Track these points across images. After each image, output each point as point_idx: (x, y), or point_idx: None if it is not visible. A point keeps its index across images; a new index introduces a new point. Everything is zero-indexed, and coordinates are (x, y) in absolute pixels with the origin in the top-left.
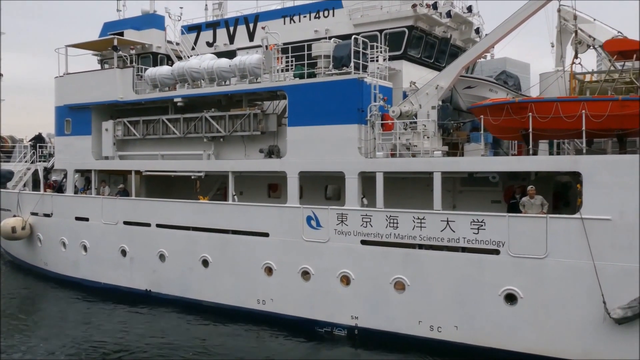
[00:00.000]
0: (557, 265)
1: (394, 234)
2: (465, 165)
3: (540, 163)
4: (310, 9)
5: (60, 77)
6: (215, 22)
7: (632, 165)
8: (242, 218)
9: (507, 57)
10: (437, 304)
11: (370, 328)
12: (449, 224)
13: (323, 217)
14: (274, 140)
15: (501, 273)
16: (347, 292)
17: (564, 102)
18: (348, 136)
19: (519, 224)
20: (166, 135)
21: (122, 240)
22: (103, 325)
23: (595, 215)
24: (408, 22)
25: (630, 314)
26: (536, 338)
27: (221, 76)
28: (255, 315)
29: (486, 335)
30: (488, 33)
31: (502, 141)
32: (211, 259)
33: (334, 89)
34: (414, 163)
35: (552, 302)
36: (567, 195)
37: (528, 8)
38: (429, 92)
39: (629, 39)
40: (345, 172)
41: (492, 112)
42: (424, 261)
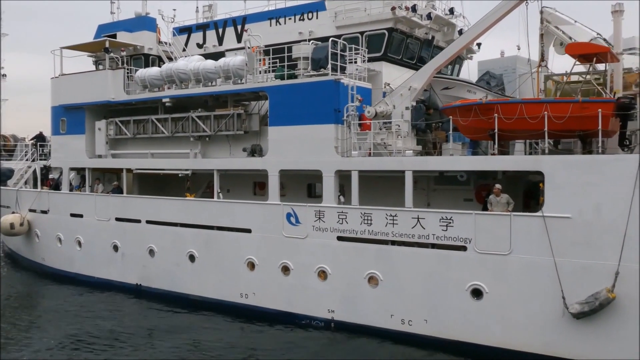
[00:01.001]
0: (520, 261)
1: (368, 230)
2: (434, 164)
3: (505, 163)
4: (295, 12)
5: (55, 78)
6: (205, 24)
7: (590, 165)
8: (226, 215)
9: (518, 56)
10: (408, 299)
11: (346, 321)
12: (420, 221)
13: (302, 214)
14: (257, 139)
15: (468, 269)
16: (324, 287)
17: (527, 103)
18: (325, 136)
19: (484, 221)
20: (155, 134)
21: (114, 236)
22: (94, 319)
23: (556, 213)
24: (388, 24)
25: (587, 309)
26: (500, 332)
27: (207, 77)
28: (239, 309)
29: (454, 329)
30: (460, 35)
31: (481, 141)
32: (197, 254)
33: (312, 90)
34: (386, 162)
35: (515, 297)
36: (539, 194)
37: (500, 9)
38: (403, 93)
39: (590, 43)
40: (323, 170)
41: (461, 113)
42: (396, 257)
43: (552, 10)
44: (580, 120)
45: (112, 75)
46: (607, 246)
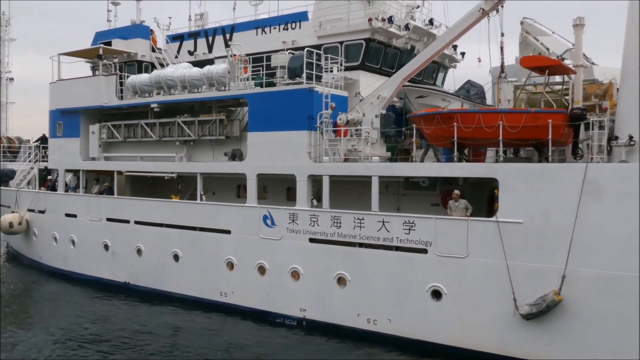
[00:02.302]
0: (476, 264)
1: (337, 232)
2: (399, 170)
3: (463, 169)
4: (279, 22)
5: (53, 83)
6: (196, 32)
7: (541, 173)
8: (208, 216)
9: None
10: (373, 299)
11: (316, 320)
12: (385, 225)
13: (277, 217)
14: (238, 144)
15: (428, 271)
16: (297, 286)
17: (484, 113)
18: (299, 141)
19: (444, 225)
20: (144, 138)
21: (105, 236)
22: (87, 315)
23: (509, 218)
24: (365, 34)
25: (535, 310)
26: (458, 331)
27: (192, 84)
28: (219, 307)
29: (415, 328)
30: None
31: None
32: (181, 254)
33: (287, 98)
34: (354, 168)
35: (471, 299)
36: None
37: (464, 22)
38: (373, 102)
39: (541, 57)
40: (296, 174)
41: (425, 122)
42: (363, 259)
43: (531, 21)
44: (533, 129)
45: (105, 81)
46: (555, 250)
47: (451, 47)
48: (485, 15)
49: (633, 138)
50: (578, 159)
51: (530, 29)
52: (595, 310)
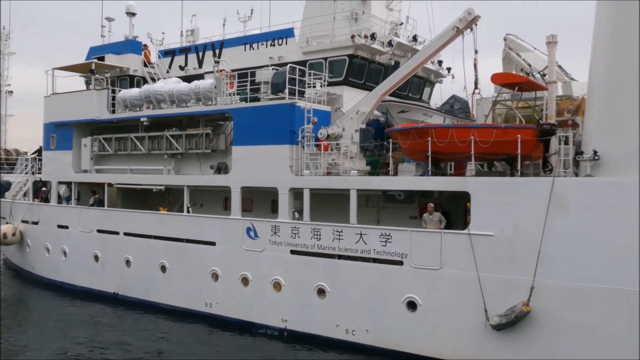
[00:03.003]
0: (449, 275)
1: (317, 244)
2: (376, 183)
3: (436, 183)
4: (267, 38)
5: (47, 97)
6: (186, 47)
7: (510, 187)
8: (194, 228)
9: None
10: (351, 310)
11: (297, 330)
12: (362, 237)
13: (260, 229)
14: (224, 157)
15: (404, 282)
16: (279, 297)
17: (457, 128)
18: (281, 155)
19: (418, 238)
20: (134, 151)
21: (95, 247)
22: (76, 325)
23: (480, 231)
24: (348, 51)
25: (505, 321)
26: (432, 342)
27: (180, 99)
28: (204, 317)
29: (392, 339)
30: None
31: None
32: (168, 265)
33: (270, 113)
34: (334, 181)
35: (445, 310)
36: None
37: (439, 40)
38: (353, 117)
39: (510, 74)
40: (278, 187)
41: (402, 136)
42: (341, 270)
43: (514, 37)
44: (503, 144)
45: (97, 95)
46: (524, 262)
47: (436, 63)
48: (460, 33)
49: (597, 153)
50: (548, 173)
51: (512, 45)
52: (562, 320)
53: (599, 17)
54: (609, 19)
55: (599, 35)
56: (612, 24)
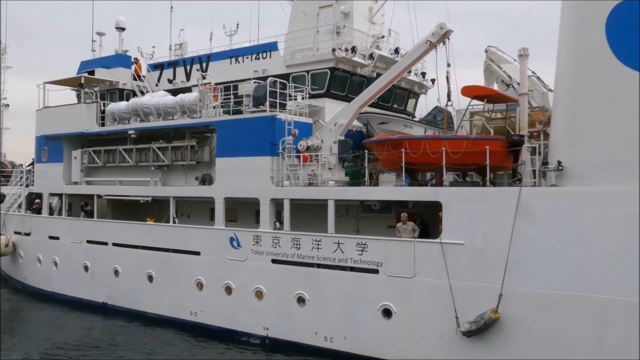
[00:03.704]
0: (422, 283)
1: (297, 254)
2: (352, 194)
3: (409, 193)
4: (252, 51)
5: (39, 110)
6: (175, 61)
7: (479, 196)
8: (179, 238)
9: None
10: (330, 317)
11: (278, 338)
12: (340, 246)
13: (242, 238)
14: (209, 169)
15: (379, 290)
16: (260, 306)
17: (429, 139)
18: (262, 166)
19: (393, 247)
20: (122, 163)
21: (85, 257)
22: (66, 334)
23: (451, 240)
24: (330, 64)
25: (474, 327)
26: (406, 348)
27: (166, 111)
28: (190, 326)
29: (368, 346)
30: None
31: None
32: (155, 275)
33: (251, 125)
34: (312, 191)
35: (418, 317)
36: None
37: (413, 53)
38: (331, 129)
39: (478, 86)
40: (260, 198)
41: (378, 147)
42: (320, 279)
43: (495, 49)
44: (473, 155)
45: (87, 108)
46: (493, 270)
47: (420, 75)
48: (433, 47)
49: (561, 163)
50: (518, 183)
51: (494, 57)
52: (529, 327)
53: (562, 28)
54: (573, 31)
55: (563, 46)
56: (575, 36)
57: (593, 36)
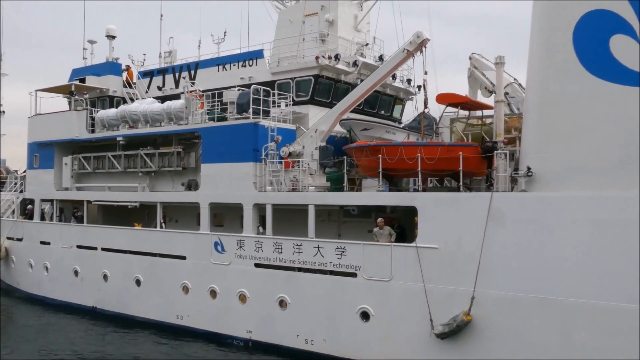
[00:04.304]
0: (399, 287)
1: (279, 258)
2: (332, 199)
3: (387, 198)
4: (238, 59)
5: (31, 117)
6: (164, 68)
7: (453, 202)
8: (166, 243)
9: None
10: (310, 320)
11: (261, 341)
12: (320, 250)
13: (226, 243)
14: (195, 175)
15: (357, 293)
16: (244, 309)
17: (406, 146)
18: (245, 172)
19: (370, 251)
20: (111, 169)
21: (75, 262)
22: (54, 339)
23: (426, 244)
24: (314, 71)
25: (447, 330)
26: (383, 351)
27: (154, 118)
28: (176, 329)
29: (347, 348)
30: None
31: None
32: (142, 279)
33: (235, 132)
34: (293, 197)
35: (395, 319)
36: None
37: (392, 60)
38: (312, 135)
39: (452, 94)
40: (243, 203)
41: (356, 153)
42: (301, 282)
43: (479, 56)
44: (448, 161)
45: (77, 115)
46: (465, 273)
47: (405, 81)
48: (411, 55)
49: (531, 169)
50: (491, 189)
51: (477, 64)
52: (500, 329)
53: (532, 37)
54: (542, 39)
55: (533, 54)
56: (544, 44)
57: (561, 45)
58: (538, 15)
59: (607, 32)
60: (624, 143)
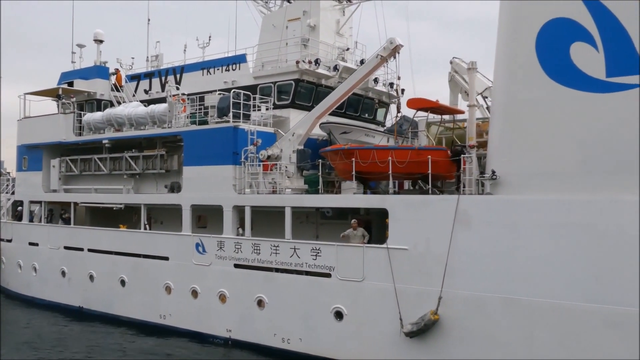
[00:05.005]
0: (371, 287)
1: (257, 259)
2: (307, 201)
3: (358, 201)
4: (222, 63)
5: (20, 120)
6: (151, 72)
7: (422, 204)
8: (149, 244)
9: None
10: (287, 319)
11: (240, 340)
12: (296, 251)
13: (207, 244)
14: (178, 177)
15: (332, 293)
16: (224, 309)
17: (378, 149)
18: (225, 175)
19: (344, 252)
20: (98, 172)
21: (63, 263)
22: (42, 338)
23: (397, 245)
24: (294, 75)
25: (415, 329)
26: (357, 349)
27: (138, 122)
28: (159, 329)
29: (322, 347)
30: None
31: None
32: (127, 279)
33: (215, 135)
34: (271, 199)
35: (367, 319)
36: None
37: (366, 66)
38: (290, 139)
39: (422, 99)
40: (223, 205)
41: (332, 156)
42: (278, 282)
43: (459, 61)
44: (417, 164)
45: (64, 118)
46: (434, 274)
47: (388, 85)
48: (385, 61)
49: (495, 173)
50: (461, 192)
51: (457, 68)
52: (466, 328)
53: (498, 42)
54: (506, 45)
55: (498, 60)
56: (508, 50)
57: (525, 51)
58: (504, 22)
59: (567, 39)
60: (584, 148)
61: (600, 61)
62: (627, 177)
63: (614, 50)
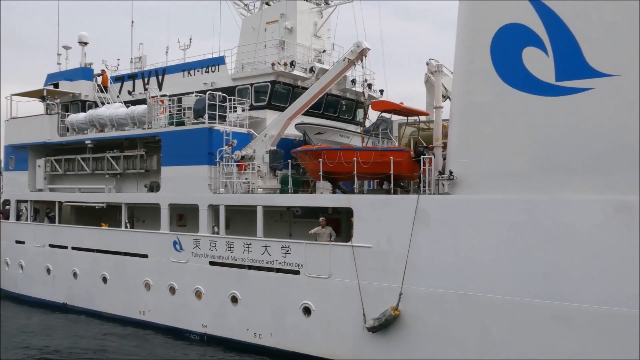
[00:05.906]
0: (337, 283)
1: (231, 256)
2: (278, 201)
3: (325, 200)
4: (202, 65)
5: (7, 121)
6: (134, 74)
7: (384, 203)
8: (130, 242)
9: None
10: (258, 315)
11: (215, 335)
12: (267, 249)
13: (184, 242)
14: (157, 177)
15: (300, 290)
16: (200, 305)
17: (344, 150)
18: (201, 175)
19: (312, 249)
20: (81, 171)
21: (48, 261)
22: (30, 334)
23: (361, 243)
24: (271, 77)
25: (377, 324)
26: (323, 343)
27: (119, 122)
28: (139, 324)
29: (291, 342)
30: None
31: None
32: (109, 277)
33: (191, 136)
34: (243, 198)
35: (333, 314)
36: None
37: (335, 69)
38: (263, 139)
39: (385, 101)
40: (199, 204)
41: (302, 157)
42: (250, 279)
43: (435, 62)
44: (381, 165)
45: (49, 119)
46: (395, 271)
47: (366, 86)
48: (352, 64)
49: (453, 173)
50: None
51: (433, 69)
52: (425, 323)
53: (457, 46)
54: (463, 49)
55: (457, 63)
56: (465, 54)
57: (480, 56)
58: (461, 25)
59: (520, 44)
60: (536, 150)
61: (550, 66)
62: (578, 177)
63: (563, 55)
